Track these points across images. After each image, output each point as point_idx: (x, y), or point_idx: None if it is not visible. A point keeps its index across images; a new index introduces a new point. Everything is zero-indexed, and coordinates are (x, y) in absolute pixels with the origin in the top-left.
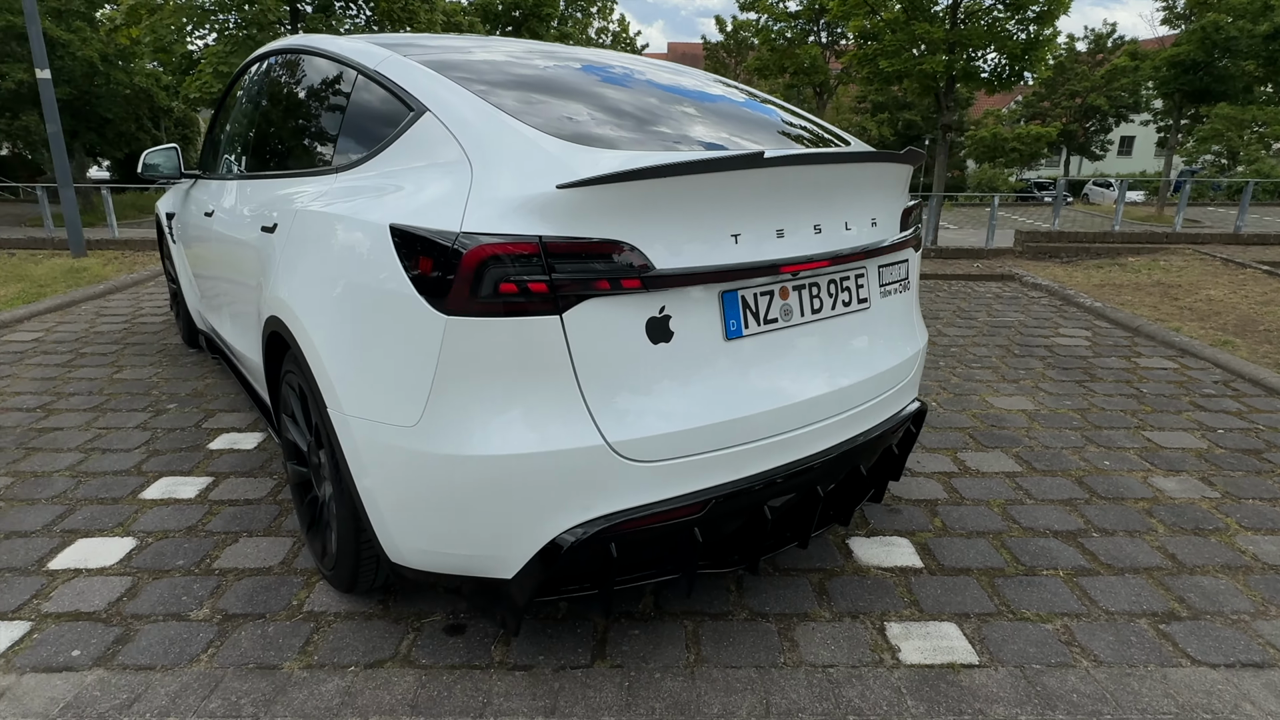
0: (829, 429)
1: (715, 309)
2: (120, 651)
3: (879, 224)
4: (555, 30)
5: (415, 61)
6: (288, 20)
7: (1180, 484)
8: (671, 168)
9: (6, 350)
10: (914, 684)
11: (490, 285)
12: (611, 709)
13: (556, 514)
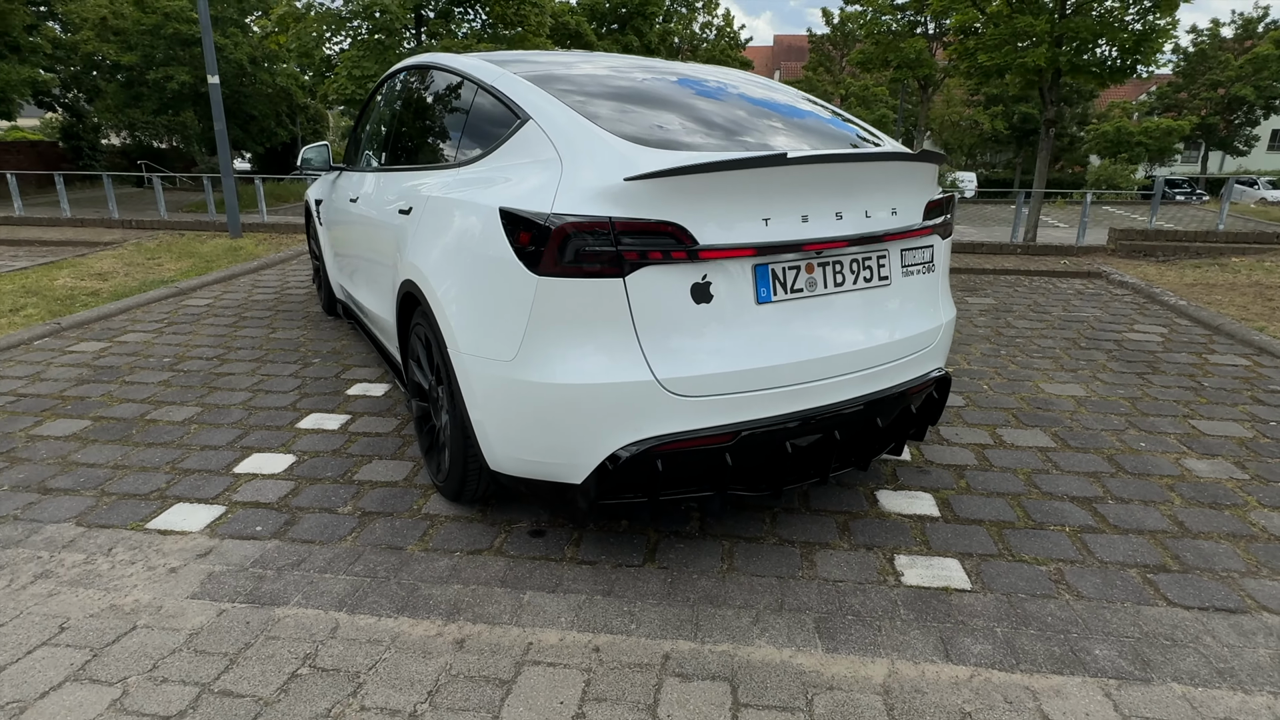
0: (846, 383)
1: (749, 278)
2: (289, 530)
3: (899, 213)
4: (659, 26)
5: (522, 77)
6: (412, 26)
7: (1211, 466)
8: (709, 165)
9: (186, 312)
10: (909, 599)
11: (571, 253)
12: (655, 595)
13: (615, 432)
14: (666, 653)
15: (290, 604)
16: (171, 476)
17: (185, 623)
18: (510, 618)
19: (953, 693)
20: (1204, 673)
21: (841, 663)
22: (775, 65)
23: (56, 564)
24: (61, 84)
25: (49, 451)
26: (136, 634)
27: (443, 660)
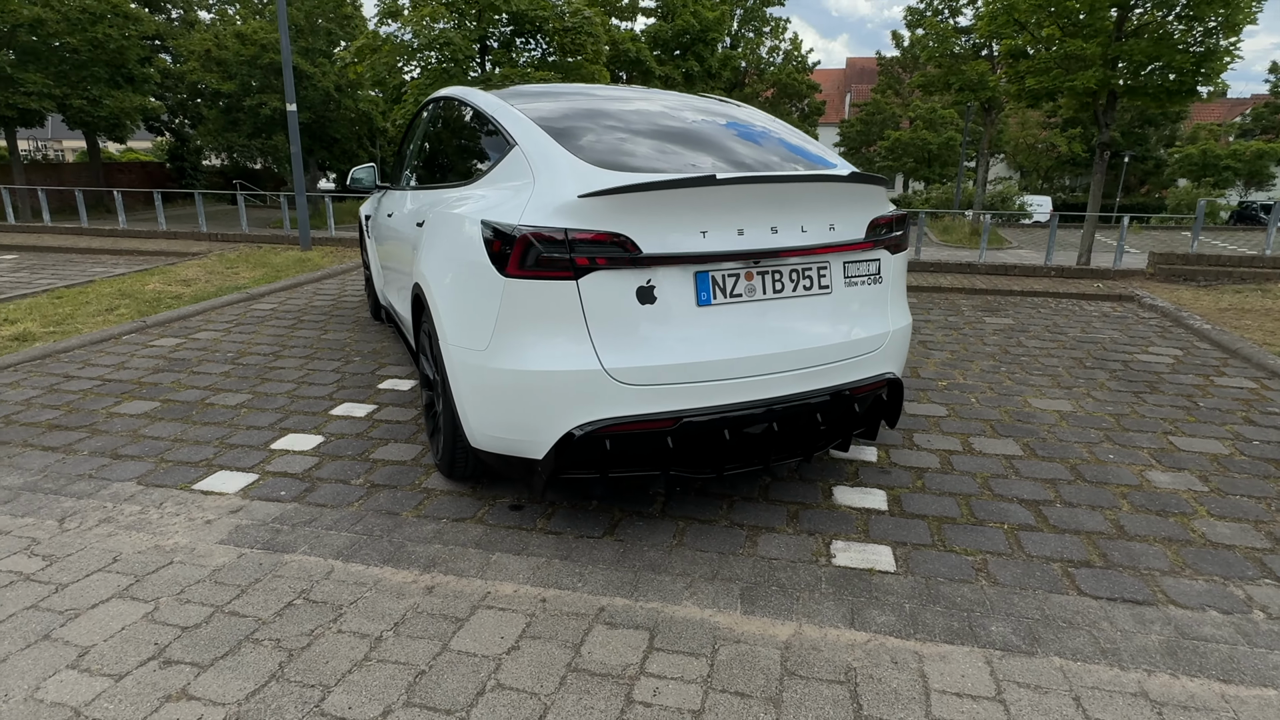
0: (783, 380)
1: (690, 283)
2: (307, 495)
3: (837, 228)
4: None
5: (517, 109)
6: (477, 56)
7: (1174, 478)
8: (647, 185)
9: (253, 315)
10: (833, 576)
11: (532, 258)
12: (606, 561)
13: (569, 413)
14: (602, 606)
15: (297, 552)
16: (218, 449)
17: (211, 561)
18: (477, 572)
19: (846, 652)
20: (1088, 651)
21: (754, 623)
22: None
23: (117, 513)
24: (169, 110)
25: (123, 426)
26: (171, 567)
27: (412, 601)
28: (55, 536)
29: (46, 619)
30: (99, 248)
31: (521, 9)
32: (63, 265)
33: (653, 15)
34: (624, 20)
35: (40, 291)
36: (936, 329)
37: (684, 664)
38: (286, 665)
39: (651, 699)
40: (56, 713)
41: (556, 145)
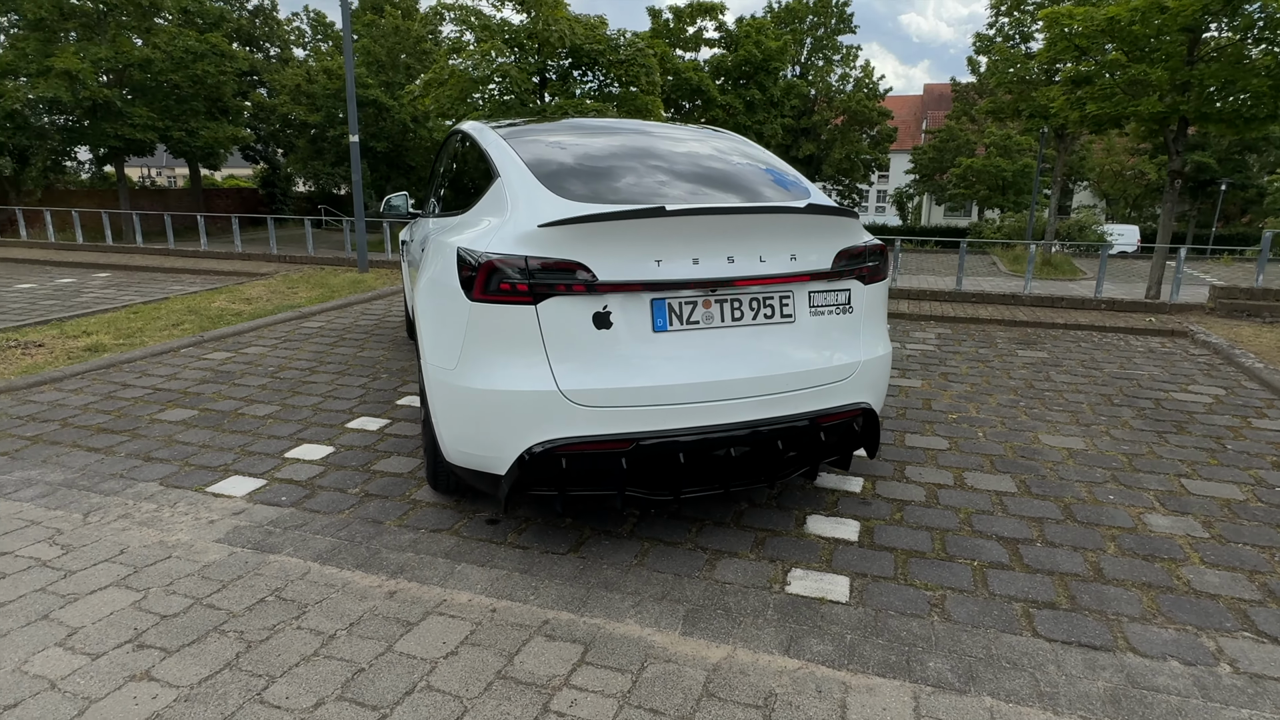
0: (741, 406)
1: (646, 309)
2: (305, 501)
3: (799, 259)
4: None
5: (507, 144)
6: (535, 88)
7: (1174, 522)
8: (601, 216)
9: (300, 332)
10: (782, 603)
11: (495, 284)
12: (563, 577)
13: (528, 432)
14: (547, 619)
15: (281, 553)
16: (238, 456)
17: (204, 557)
18: (439, 581)
19: (772, 678)
20: (1025, 693)
21: (689, 644)
22: (923, 114)
23: (135, 510)
24: (261, 140)
25: (161, 431)
26: (169, 561)
27: (372, 604)
28: (77, 528)
29: (49, 601)
30: (181, 267)
31: (578, 43)
32: (146, 283)
33: (716, 46)
34: (689, 51)
35: (120, 307)
36: (963, 361)
37: (608, 679)
38: (243, 655)
39: (567, 709)
40: (37, 684)
41: (532, 179)
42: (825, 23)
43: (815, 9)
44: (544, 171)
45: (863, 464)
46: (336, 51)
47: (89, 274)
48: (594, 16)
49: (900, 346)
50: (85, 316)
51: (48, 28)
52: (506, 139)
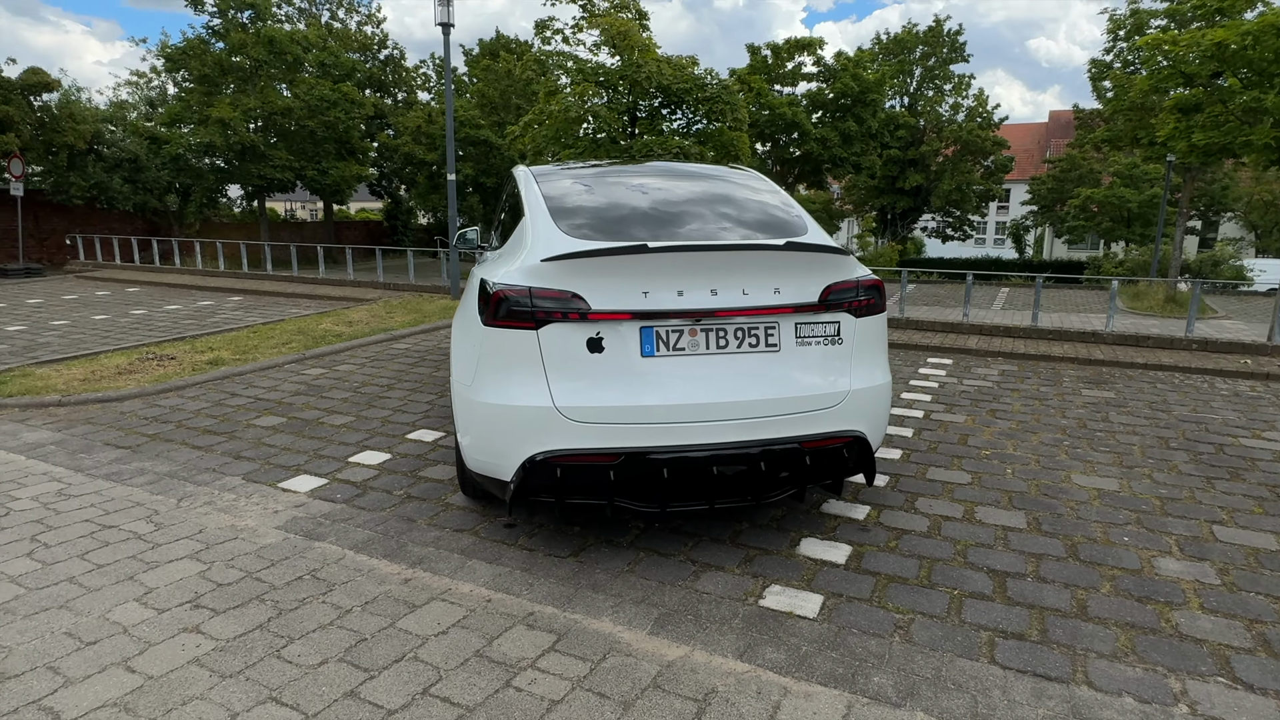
0: (724, 428)
1: (635, 336)
2: (356, 500)
3: (783, 292)
4: (883, 112)
5: (538, 186)
6: (626, 126)
7: (1186, 567)
8: (590, 252)
9: (388, 352)
10: (751, 615)
11: (504, 311)
12: (558, 577)
13: (528, 443)
14: (532, 611)
15: (325, 541)
16: (309, 458)
17: (262, 540)
18: (450, 573)
19: (718, 678)
20: (959, 712)
21: (652, 642)
22: (1047, 142)
23: (217, 499)
24: (385, 176)
25: (253, 435)
26: (234, 541)
27: (388, 587)
28: (170, 510)
29: (136, 566)
30: (301, 293)
31: (666, 83)
32: (270, 306)
33: (815, 80)
34: (787, 86)
35: (243, 327)
36: (1019, 398)
37: (569, 664)
38: (273, 620)
39: (525, 686)
40: (114, 628)
41: (547, 218)
42: (937, 52)
43: (926, 39)
44: (559, 211)
45: (874, 494)
46: (456, 94)
47: (225, 298)
48: (685, 57)
49: (957, 383)
50: (213, 335)
51: (210, 82)
52: (539, 180)
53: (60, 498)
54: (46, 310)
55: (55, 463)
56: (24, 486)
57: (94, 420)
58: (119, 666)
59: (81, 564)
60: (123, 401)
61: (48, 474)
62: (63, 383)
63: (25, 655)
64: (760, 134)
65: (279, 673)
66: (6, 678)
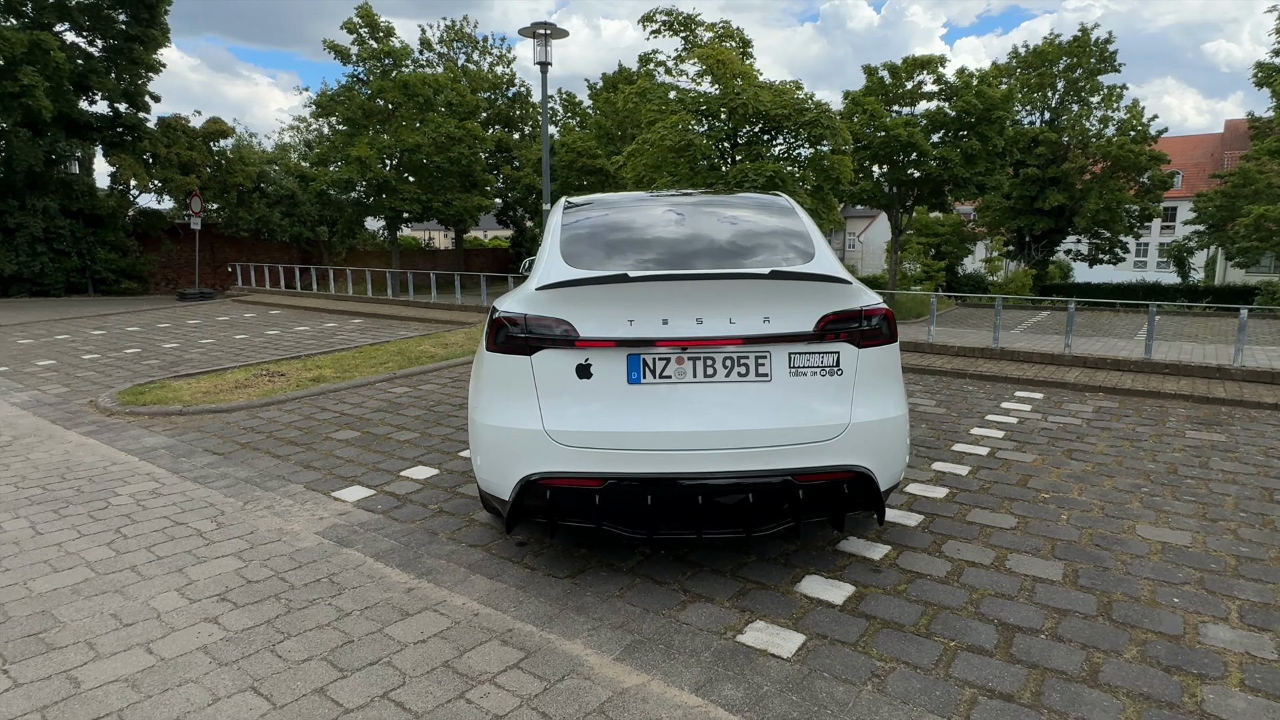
0: (710, 457)
1: (622, 363)
2: (393, 511)
3: (773, 321)
4: (1010, 130)
5: (561, 216)
6: (728, 153)
7: (1239, 637)
8: (574, 282)
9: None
10: (723, 650)
11: (502, 337)
12: (549, 598)
13: (522, 464)
14: (511, 628)
15: (352, 548)
16: (367, 471)
17: (299, 544)
18: (451, 585)
19: (666, 710)
20: None
21: (614, 668)
22: (1222, 154)
23: (276, 504)
24: (509, 206)
25: (326, 447)
26: (276, 543)
27: (391, 595)
28: (234, 512)
29: (187, 560)
30: (412, 316)
31: (764, 109)
32: (382, 329)
33: (936, 99)
34: (906, 106)
35: (353, 347)
36: (1107, 438)
37: (526, 682)
38: (280, 617)
39: (476, 699)
40: (149, 613)
41: (556, 249)
42: (1083, 63)
43: (1070, 49)
44: (570, 241)
45: (900, 534)
46: (580, 127)
47: (348, 320)
48: (788, 82)
49: (1040, 419)
50: (325, 354)
51: (355, 124)
52: (566, 212)
53: (152, 495)
54: (200, 330)
55: (159, 464)
56: (127, 484)
57: (203, 429)
58: (141, 648)
59: (145, 555)
60: (231, 413)
61: (150, 475)
62: (188, 394)
63: (73, 630)
64: (873, 155)
65: (266, 665)
66: (52, 649)
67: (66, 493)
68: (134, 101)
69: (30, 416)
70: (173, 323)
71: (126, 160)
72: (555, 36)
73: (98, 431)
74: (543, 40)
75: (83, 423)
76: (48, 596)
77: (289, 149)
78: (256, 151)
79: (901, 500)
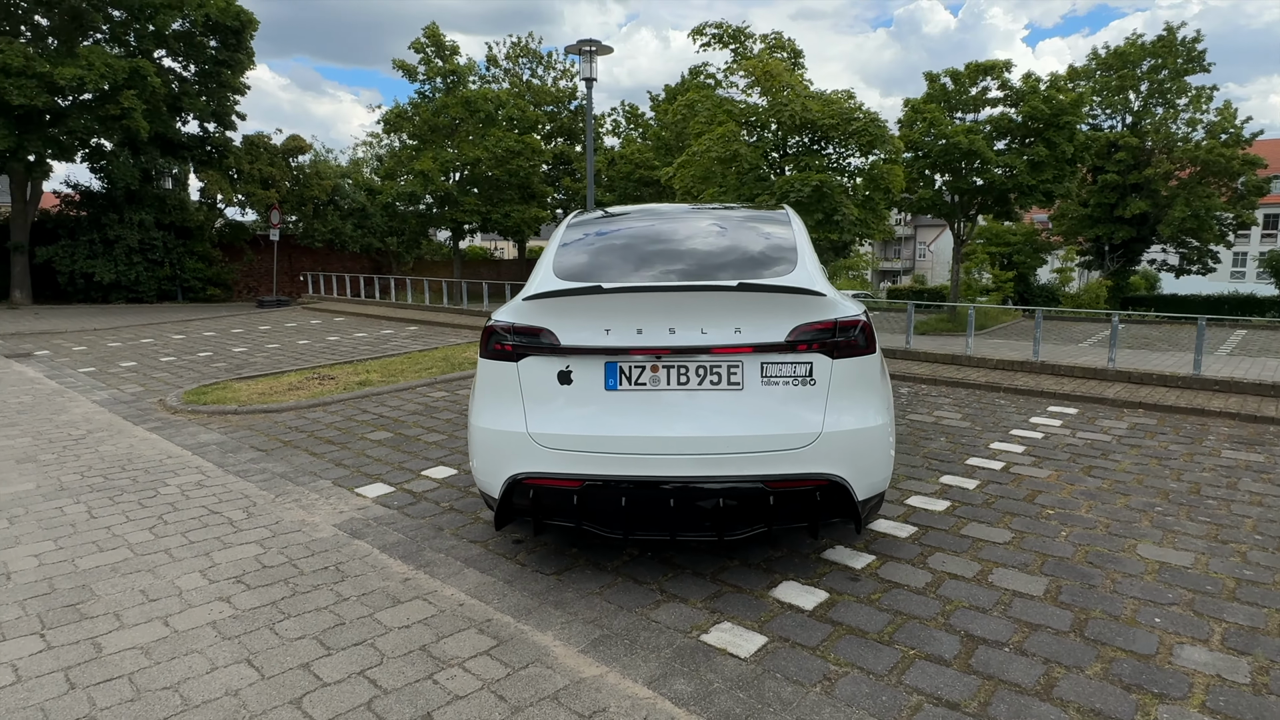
0: (681, 462)
1: (601, 370)
2: (406, 508)
3: (744, 332)
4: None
5: (563, 229)
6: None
7: (1215, 659)
8: (552, 293)
9: None
10: (685, 647)
11: (492, 344)
12: (532, 592)
13: (508, 464)
14: (490, 619)
15: (363, 540)
16: (391, 469)
17: (316, 534)
18: (444, 577)
19: (615, 700)
20: None
21: (577, 659)
22: None
23: (304, 497)
24: None
25: (360, 446)
26: (295, 533)
27: (388, 584)
28: (265, 504)
29: (214, 545)
30: (463, 324)
31: (811, 119)
32: (435, 336)
33: (1001, 105)
34: (969, 113)
35: (402, 353)
36: (1135, 456)
37: (491, 667)
38: (284, 599)
39: (443, 680)
40: (172, 590)
41: (550, 260)
42: (1169, 63)
43: (1154, 50)
44: (565, 252)
45: (888, 544)
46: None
47: (404, 327)
48: (839, 92)
49: (1069, 435)
50: (376, 359)
51: (421, 138)
52: (569, 226)
53: (196, 487)
54: (268, 335)
55: (208, 459)
56: (177, 476)
57: (253, 427)
58: (160, 621)
59: (180, 539)
60: (280, 413)
61: (198, 468)
62: (245, 395)
63: (105, 603)
64: (933, 164)
65: (263, 641)
66: (84, 618)
67: (123, 482)
68: (222, 120)
69: (106, 413)
70: (245, 328)
71: (214, 176)
72: (600, 53)
73: (161, 428)
74: (588, 57)
75: (150, 420)
76: (90, 573)
77: (362, 164)
78: (332, 166)
79: (899, 512)
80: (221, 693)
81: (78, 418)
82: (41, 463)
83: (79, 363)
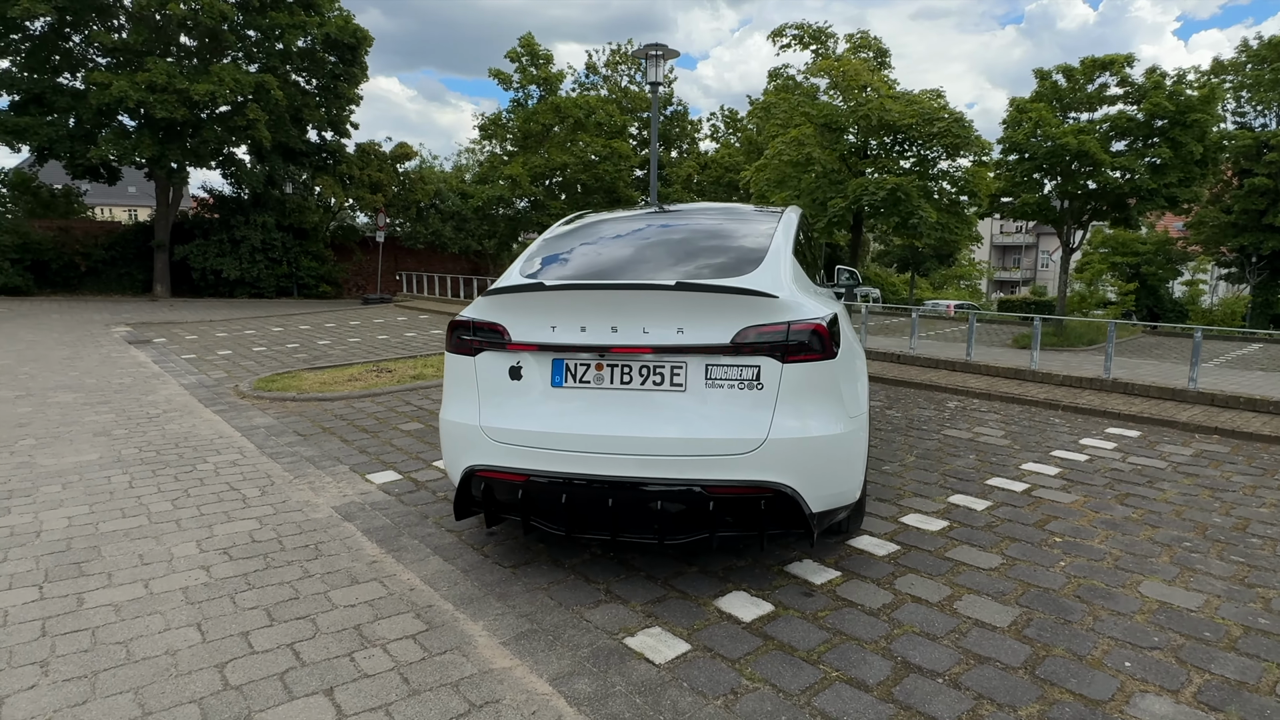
0: (621, 462)
1: (547, 367)
2: (404, 496)
3: (686, 332)
4: (1213, 135)
5: (553, 229)
6: (856, 164)
7: (1175, 710)
8: (503, 289)
9: None
10: (605, 649)
11: (454, 339)
12: (485, 582)
13: (466, 455)
14: (432, 605)
15: (352, 522)
16: (406, 458)
17: (313, 514)
18: (409, 563)
19: (512, 692)
20: None
21: (495, 651)
22: None
23: (318, 480)
24: None
25: (388, 436)
26: (296, 512)
27: (353, 564)
28: (282, 484)
29: (219, 518)
30: None
31: (891, 119)
32: None
33: (1119, 102)
34: (1084, 112)
35: None
36: (1184, 486)
37: (410, 650)
38: (257, 571)
39: (360, 659)
40: (164, 557)
41: (521, 260)
42: None
43: None
44: (536, 251)
45: (860, 561)
46: (736, 143)
47: None
48: (927, 91)
49: (1118, 459)
50: (438, 355)
51: (517, 145)
52: (560, 225)
53: (230, 465)
54: (356, 330)
55: (252, 440)
56: (219, 454)
57: (304, 414)
58: (142, 583)
59: (193, 511)
60: (332, 402)
61: (240, 449)
62: (309, 384)
63: (105, 563)
64: (1038, 167)
65: (219, 608)
66: (82, 574)
67: (171, 457)
68: (337, 129)
69: (186, 395)
70: (338, 323)
71: (328, 181)
72: (667, 57)
73: (225, 411)
74: (654, 61)
75: (220, 403)
76: (106, 535)
77: (464, 169)
78: (436, 172)
79: (887, 529)
80: (162, 651)
81: (161, 399)
82: (113, 436)
83: (185, 350)
